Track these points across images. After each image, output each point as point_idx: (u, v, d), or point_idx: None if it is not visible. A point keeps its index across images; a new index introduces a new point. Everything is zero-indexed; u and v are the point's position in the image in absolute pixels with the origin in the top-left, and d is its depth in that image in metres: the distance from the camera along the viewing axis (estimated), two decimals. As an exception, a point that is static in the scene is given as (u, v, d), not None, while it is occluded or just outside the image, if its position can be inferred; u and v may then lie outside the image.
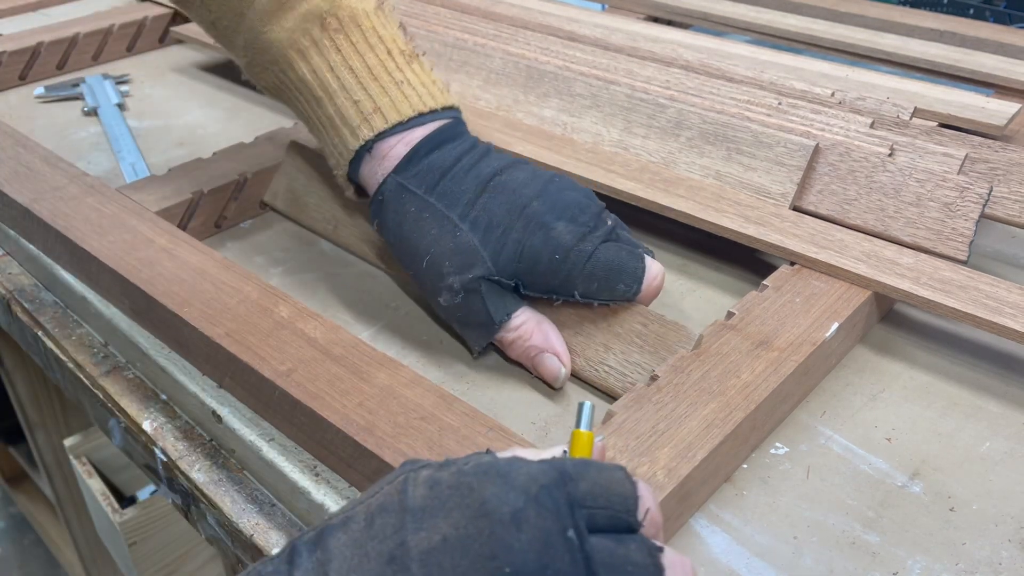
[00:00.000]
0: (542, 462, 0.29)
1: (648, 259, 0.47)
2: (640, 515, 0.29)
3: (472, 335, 0.49)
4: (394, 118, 0.51)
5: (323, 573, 0.28)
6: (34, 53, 0.89)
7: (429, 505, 0.28)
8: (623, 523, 0.29)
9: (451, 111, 0.53)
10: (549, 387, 0.48)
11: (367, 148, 0.51)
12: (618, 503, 0.29)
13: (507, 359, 0.49)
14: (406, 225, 0.49)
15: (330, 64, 0.51)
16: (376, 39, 0.52)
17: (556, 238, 0.46)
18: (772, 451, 0.43)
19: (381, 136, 0.51)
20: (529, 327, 0.47)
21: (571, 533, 0.27)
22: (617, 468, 0.30)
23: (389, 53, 0.52)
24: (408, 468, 0.30)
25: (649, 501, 0.30)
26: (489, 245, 0.47)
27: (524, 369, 0.49)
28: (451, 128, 0.52)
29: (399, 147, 0.50)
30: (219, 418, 0.46)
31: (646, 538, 0.29)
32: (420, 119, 0.51)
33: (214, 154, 0.67)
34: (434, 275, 0.48)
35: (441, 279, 0.47)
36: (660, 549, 0.28)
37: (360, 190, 0.55)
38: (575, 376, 0.48)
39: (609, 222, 0.48)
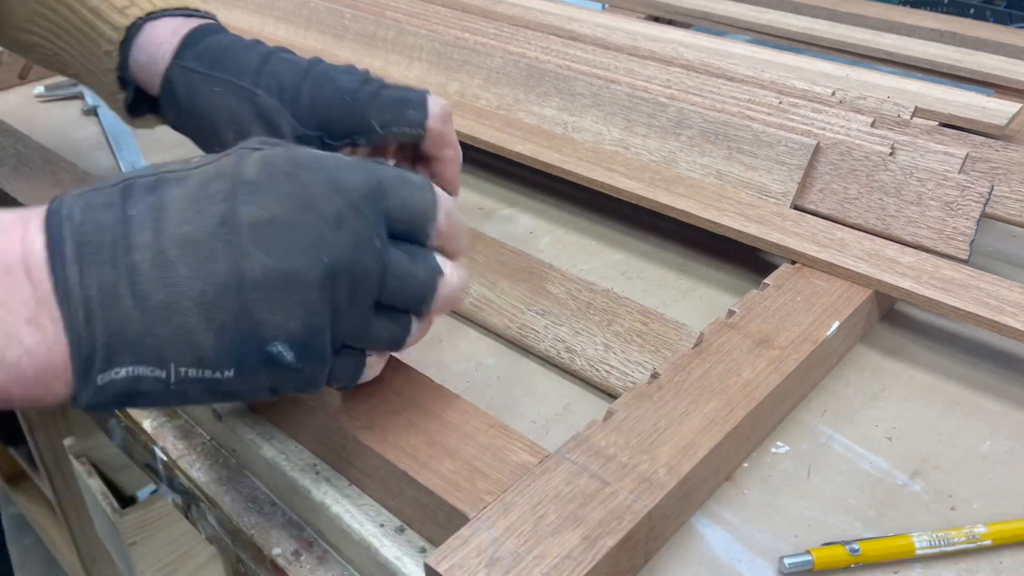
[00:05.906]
0: (365, 170, 0.35)
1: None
2: (432, 232, 0.36)
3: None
4: (159, 2, 0.52)
5: (157, 218, 0.31)
6: (34, 53, 0.89)
7: (262, 183, 0.32)
8: (419, 237, 0.36)
9: (210, 15, 0.54)
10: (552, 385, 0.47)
11: (133, 37, 0.51)
12: (418, 221, 0.36)
13: (505, 359, 0.49)
14: (203, 106, 0.49)
15: None
16: None
17: (342, 85, 0.48)
18: (773, 450, 0.43)
19: (151, 17, 0.51)
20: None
21: (377, 241, 0.34)
22: (425, 187, 0.36)
23: None
24: (243, 145, 0.35)
25: (444, 214, 0.36)
26: (285, 104, 0.48)
27: (524, 369, 0.49)
28: (216, 25, 0.53)
29: (171, 38, 0.51)
30: (219, 417, 0.46)
31: (434, 258, 0.36)
32: (182, 10, 0.52)
33: (214, 153, 0.67)
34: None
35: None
36: (440, 272, 0.36)
37: (135, 102, 0.54)
38: (577, 376, 0.48)
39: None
